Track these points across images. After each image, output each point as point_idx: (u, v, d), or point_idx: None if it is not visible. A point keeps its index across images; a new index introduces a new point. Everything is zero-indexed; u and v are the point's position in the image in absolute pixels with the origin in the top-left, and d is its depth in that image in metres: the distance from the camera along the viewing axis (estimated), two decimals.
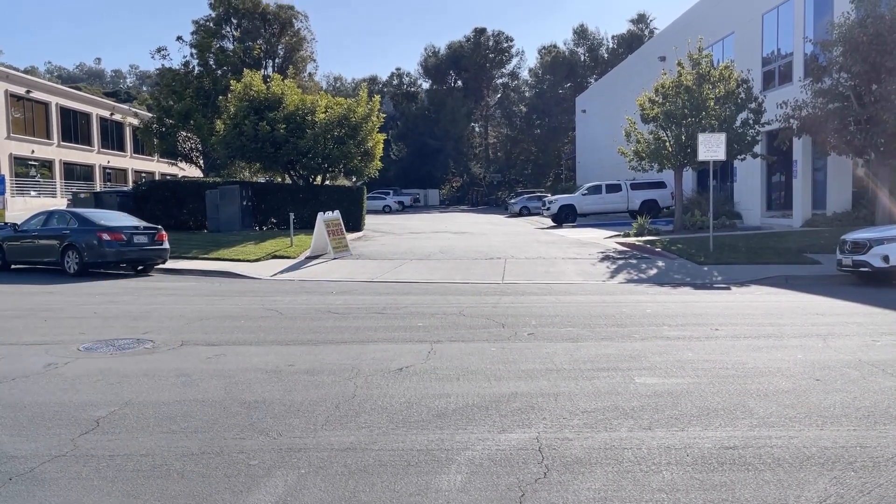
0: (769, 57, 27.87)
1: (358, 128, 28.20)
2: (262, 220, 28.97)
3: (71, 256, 16.60)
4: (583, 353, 7.72)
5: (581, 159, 57.27)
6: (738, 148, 22.84)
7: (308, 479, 4.31)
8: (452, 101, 75.19)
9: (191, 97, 37.90)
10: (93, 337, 8.82)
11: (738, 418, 5.37)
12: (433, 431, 5.11)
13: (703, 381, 6.45)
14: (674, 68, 24.12)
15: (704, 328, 9.19)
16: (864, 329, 9.03)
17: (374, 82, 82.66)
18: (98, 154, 51.85)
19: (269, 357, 7.60)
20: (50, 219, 17.78)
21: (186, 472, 4.41)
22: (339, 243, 19.92)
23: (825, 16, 22.53)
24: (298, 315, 10.53)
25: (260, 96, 27.98)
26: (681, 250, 18.99)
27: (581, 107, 58.03)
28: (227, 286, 14.80)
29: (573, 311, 10.81)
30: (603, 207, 34.39)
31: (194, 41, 41.24)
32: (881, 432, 4.99)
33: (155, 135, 39.86)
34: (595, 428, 5.17)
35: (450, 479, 4.27)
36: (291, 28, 50.15)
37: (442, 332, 8.98)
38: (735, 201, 29.96)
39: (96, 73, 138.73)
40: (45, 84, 49.89)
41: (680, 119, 22.72)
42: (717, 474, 4.31)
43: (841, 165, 23.38)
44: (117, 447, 4.84)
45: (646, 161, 24.44)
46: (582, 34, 79.59)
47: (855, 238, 14.12)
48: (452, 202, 78.17)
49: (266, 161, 29.10)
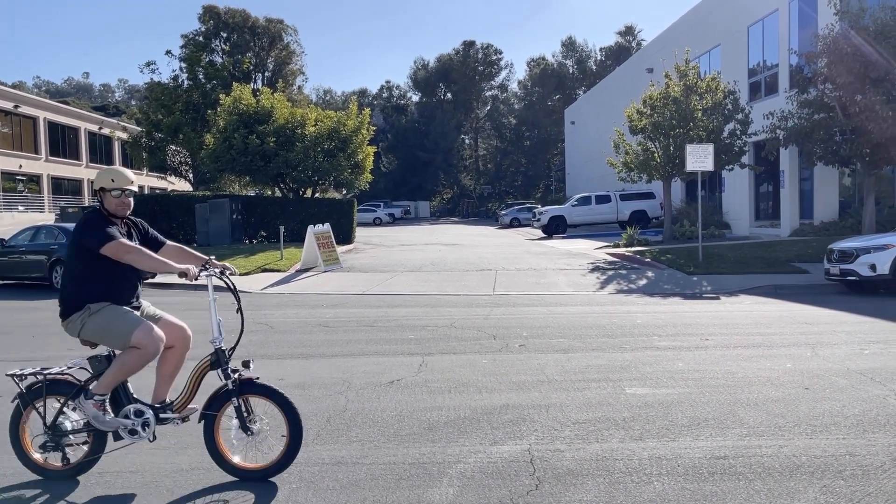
0: (755, 68, 28.16)
1: (348, 140, 28.27)
2: (251, 233, 28.90)
3: (59, 271, 16.49)
4: (574, 364, 7.74)
5: (570, 171, 57.52)
6: (726, 158, 23.02)
7: (299, 493, 4.29)
8: (442, 113, 75.46)
9: (180, 111, 37.90)
10: (81, 353, 8.72)
11: (728, 428, 5.39)
12: (425, 445, 5.10)
13: (693, 391, 6.47)
14: (661, 80, 24.33)
15: (694, 338, 9.23)
16: (853, 338, 9.09)
17: (364, 95, 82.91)
18: (86, 168, 51.65)
19: (259, 371, 7.51)
20: (38, 234, 17.67)
21: (176, 489, 4.40)
22: (330, 256, 19.88)
23: (810, 27, 22.81)
24: (289, 328, 10.50)
25: (249, 110, 28.00)
26: (670, 260, 19.08)
27: (570, 118, 58.35)
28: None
29: (564, 322, 10.83)
30: (593, 218, 34.53)
31: (183, 55, 41.29)
32: (870, 440, 5.02)
33: (144, 149, 39.79)
34: (586, 439, 5.17)
35: (441, 493, 4.26)
36: (281, 42, 50.34)
37: (433, 345, 8.97)
38: (724, 211, 30.15)
39: (84, 87, 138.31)
40: (33, 99, 49.75)
41: (668, 130, 22.90)
42: (707, 484, 4.32)
43: (827, 175, 23.59)
44: (105, 464, 4.78)
45: (635, 172, 24.59)
46: (570, 46, 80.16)
47: (842, 247, 14.23)
48: (443, 214, 78.23)
49: (256, 174, 29.10)
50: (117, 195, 4.49)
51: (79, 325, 4.44)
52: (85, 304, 4.43)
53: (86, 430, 4.48)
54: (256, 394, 4.54)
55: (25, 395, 4.48)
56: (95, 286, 4.44)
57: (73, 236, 4.48)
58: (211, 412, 4.49)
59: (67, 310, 4.49)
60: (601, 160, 30.92)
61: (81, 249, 4.41)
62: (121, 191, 4.49)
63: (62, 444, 4.47)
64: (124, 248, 4.34)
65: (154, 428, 4.47)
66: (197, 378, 4.55)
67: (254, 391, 4.54)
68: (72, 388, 4.51)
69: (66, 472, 4.52)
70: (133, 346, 4.36)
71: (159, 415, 4.48)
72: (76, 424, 4.50)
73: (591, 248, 24.58)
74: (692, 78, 23.27)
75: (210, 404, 4.51)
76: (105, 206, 4.52)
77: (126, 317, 4.44)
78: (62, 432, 4.46)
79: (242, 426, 4.44)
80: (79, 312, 4.44)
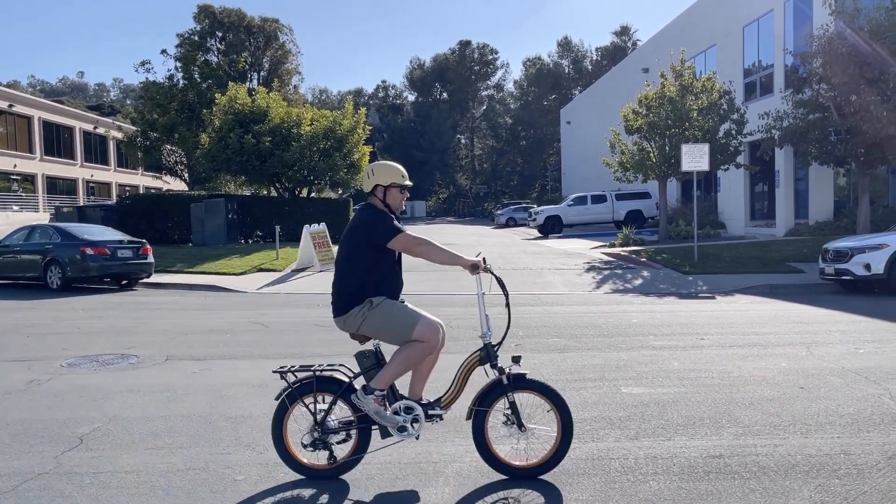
0: (750, 68, 28.23)
1: (344, 140, 28.24)
2: (247, 233, 28.86)
3: (54, 271, 16.43)
4: (569, 363, 7.74)
5: (566, 170, 57.59)
6: (722, 158, 23.07)
7: (294, 491, 4.28)
8: (438, 113, 75.51)
9: (175, 110, 37.77)
10: (76, 353, 8.73)
11: (723, 427, 5.40)
12: (421, 444, 5.09)
13: (688, 391, 6.48)
14: (657, 80, 24.37)
15: (690, 338, 9.24)
16: (847, 337, 9.12)
17: (360, 95, 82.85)
18: (81, 168, 51.51)
19: (255, 371, 7.56)
20: (32, 233, 17.59)
21: (172, 489, 4.37)
22: (326, 256, 19.86)
23: (805, 28, 22.86)
24: (284, 328, 10.48)
25: (245, 109, 27.95)
26: (666, 260, 19.11)
27: (566, 118, 58.42)
28: (212, 300, 14.71)
29: (560, 321, 10.84)
30: (588, 218, 34.57)
31: (179, 54, 41.13)
32: (865, 440, 5.03)
33: (139, 148, 39.65)
34: (582, 438, 5.17)
35: (437, 492, 4.26)
36: (276, 41, 50.22)
37: None
38: (719, 211, 30.22)
39: (79, 86, 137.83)
40: (28, 98, 49.58)
41: (663, 130, 22.94)
42: (703, 483, 4.32)
43: (822, 175, 23.66)
44: (101, 464, 4.79)
45: (630, 172, 24.63)
46: (566, 46, 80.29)
47: (837, 247, 14.27)
48: (439, 214, 78.29)
49: (251, 174, 29.04)
50: (401, 190, 4.55)
51: (359, 320, 4.40)
52: (366, 298, 4.41)
53: (350, 428, 4.46)
54: (529, 389, 4.45)
55: (294, 391, 4.44)
56: (376, 280, 4.44)
57: (355, 232, 4.45)
58: (482, 408, 4.41)
59: (347, 304, 4.44)
60: (597, 160, 30.96)
61: (366, 244, 4.40)
62: (403, 186, 4.56)
63: (330, 443, 4.44)
64: (415, 240, 4.42)
65: (423, 425, 4.42)
66: (465, 374, 4.48)
67: (527, 387, 4.45)
68: (334, 385, 4.48)
69: (331, 471, 4.46)
70: (415, 340, 4.34)
71: (427, 411, 4.43)
72: (337, 423, 4.47)
73: (587, 248, 24.61)
74: (688, 78, 23.32)
75: (481, 400, 4.43)
76: (387, 200, 4.53)
77: (406, 310, 4.44)
78: (330, 430, 4.43)
79: (517, 422, 4.38)
80: (359, 306, 4.40)
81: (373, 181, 4.53)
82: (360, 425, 4.43)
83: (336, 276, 4.55)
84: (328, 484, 4.41)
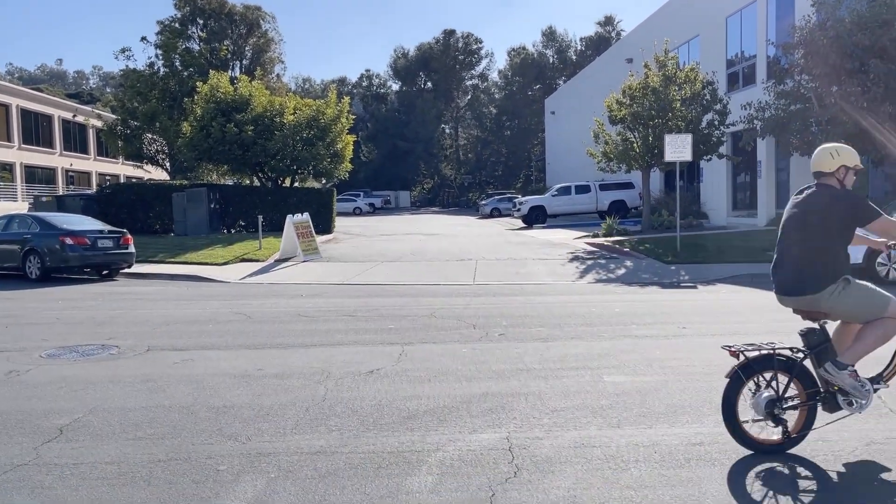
0: (733, 59, 28.36)
1: (327, 129, 28.06)
2: (230, 223, 28.64)
3: (33, 261, 16.22)
4: (552, 352, 7.77)
5: (551, 161, 57.65)
6: (704, 149, 23.19)
7: (277, 483, 4.27)
8: (422, 102, 75.18)
9: (156, 99, 37.35)
10: (56, 343, 8.64)
11: (704, 415, 5.45)
12: (404, 433, 5.10)
13: (670, 379, 6.53)
14: (641, 70, 24.41)
15: (672, 326, 9.31)
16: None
17: (344, 84, 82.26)
18: (60, 157, 50.79)
19: (238, 361, 7.53)
20: (10, 223, 17.34)
21: (153, 479, 4.35)
22: (309, 246, 19.78)
23: (787, 19, 22.98)
24: (267, 319, 10.43)
25: (227, 98, 27.69)
26: (649, 250, 19.22)
27: (550, 108, 58.42)
28: (194, 290, 14.61)
29: (543, 311, 10.88)
30: (572, 208, 34.67)
31: (159, 42, 40.56)
32: (842, 425, 5.08)
33: (119, 137, 39.19)
34: (565, 427, 5.20)
35: (420, 481, 4.27)
36: (259, 29, 49.75)
37: (413, 334, 8.97)
38: (702, 201, 30.41)
39: (58, 74, 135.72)
40: (5, 86, 48.72)
41: (647, 120, 23.00)
42: (684, 470, 4.37)
43: (803, 166, 23.72)
44: (82, 455, 4.75)
45: (614, 162, 24.70)
46: (550, 36, 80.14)
47: None
48: (423, 204, 78.13)
49: (234, 163, 28.82)
50: (855, 173, 4.70)
51: (832, 298, 4.48)
52: (840, 277, 4.50)
53: (803, 403, 4.57)
54: None
55: (751, 366, 4.55)
56: (845, 260, 4.57)
57: (838, 211, 4.53)
58: None
59: (822, 283, 4.50)
60: (581, 150, 31.00)
61: (845, 224, 4.53)
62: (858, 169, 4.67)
63: (784, 419, 4.50)
64: (892, 223, 4.54)
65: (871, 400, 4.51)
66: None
67: None
68: (787, 362, 4.59)
69: (783, 445, 4.57)
70: (888, 317, 4.40)
71: (873, 385, 4.50)
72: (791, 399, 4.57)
73: (571, 238, 24.69)
74: (671, 68, 23.38)
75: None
76: (845, 181, 4.68)
77: (876, 289, 4.54)
78: (788, 406, 4.53)
79: None
80: (834, 285, 4.49)
81: (837, 162, 4.70)
82: (809, 401, 4.57)
83: (796, 255, 4.68)
84: (311, 474, 4.39)
